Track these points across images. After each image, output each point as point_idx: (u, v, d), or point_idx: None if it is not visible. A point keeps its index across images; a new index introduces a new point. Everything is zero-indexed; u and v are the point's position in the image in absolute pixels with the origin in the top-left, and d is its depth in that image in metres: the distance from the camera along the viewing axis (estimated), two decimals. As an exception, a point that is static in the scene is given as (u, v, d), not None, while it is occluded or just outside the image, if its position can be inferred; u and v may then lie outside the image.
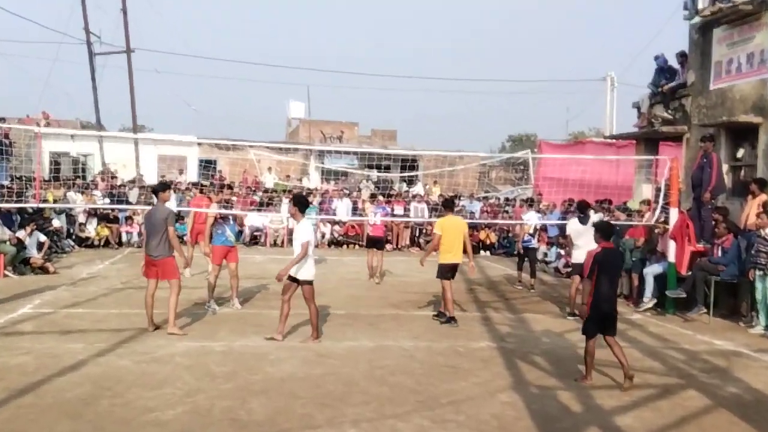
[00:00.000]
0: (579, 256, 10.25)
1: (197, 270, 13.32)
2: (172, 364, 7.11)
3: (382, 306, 10.86)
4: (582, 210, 10.73)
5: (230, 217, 10.34)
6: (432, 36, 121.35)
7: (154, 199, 9.51)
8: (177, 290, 8.48)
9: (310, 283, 8.21)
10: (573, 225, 10.66)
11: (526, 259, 13.44)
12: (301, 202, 8.29)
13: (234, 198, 19.88)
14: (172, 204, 12.22)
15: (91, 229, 18.09)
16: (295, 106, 37.19)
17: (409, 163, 22.20)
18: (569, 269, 14.83)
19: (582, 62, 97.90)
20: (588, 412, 6.03)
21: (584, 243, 10.24)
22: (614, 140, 19.90)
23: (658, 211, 12.07)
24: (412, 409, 5.92)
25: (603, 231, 7.11)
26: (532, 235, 13.55)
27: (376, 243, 14.13)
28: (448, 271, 9.78)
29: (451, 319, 9.56)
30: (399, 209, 20.31)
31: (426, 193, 24.30)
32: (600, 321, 6.82)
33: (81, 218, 18.21)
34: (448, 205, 10.36)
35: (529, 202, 15.13)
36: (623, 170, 18.42)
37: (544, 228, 18.07)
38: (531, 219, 13.79)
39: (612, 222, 11.97)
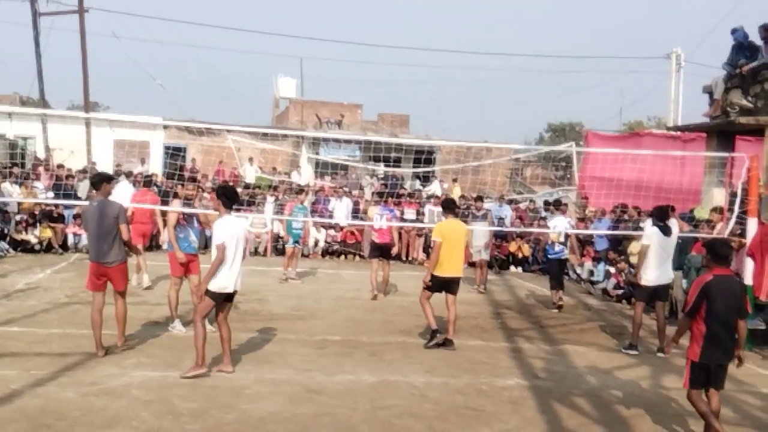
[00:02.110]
0: (652, 276, 10.26)
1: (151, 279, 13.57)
2: (127, 398, 7.12)
3: (388, 332, 10.86)
4: (662, 217, 10.57)
5: (194, 218, 10.35)
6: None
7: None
8: (124, 299, 8.87)
9: (208, 293, 8.05)
10: (653, 236, 10.43)
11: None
12: (226, 195, 8.28)
13: (206, 194, 19.99)
14: (125, 199, 12.24)
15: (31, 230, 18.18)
16: (284, 83, 37.33)
17: (424, 156, 22.19)
18: (621, 291, 14.90)
19: (641, 36, 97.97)
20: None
21: (661, 260, 10.24)
22: (679, 132, 19.85)
23: (732, 222, 12.03)
24: (422, 460, 5.93)
25: (716, 253, 6.62)
26: (564, 244, 13.79)
27: (381, 251, 14.19)
28: (440, 287, 10.07)
29: (435, 332, 9.90)
30: (410, 213, 20.33)
31: (444, 194, 24.32)
32: (707, 370, 6.48)
33: (18, 216, 18.29)
34: (448, 206, 10.54)
35: (556, 204, 15.15)
36: (690, 170, 18.38)
37: (591, 241, 18.07)
38: (559, 225, 13.90)
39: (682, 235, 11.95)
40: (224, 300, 8.21)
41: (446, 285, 10.11)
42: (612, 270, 15.86)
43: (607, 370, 9.28)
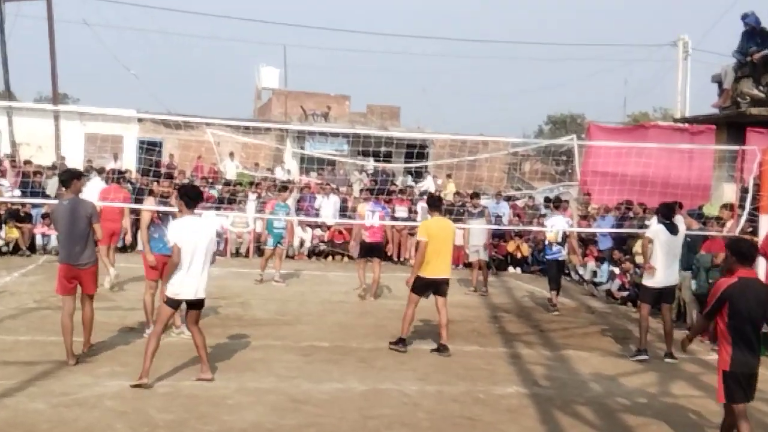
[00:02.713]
0: (659, 278, 10.28)
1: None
2: (100, 409, 7.10)
3: (379, 337, 10.85)
4: (668, 215, 10.56)
5: (170, 217, 10.30)
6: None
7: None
8: (92, 304, 8.97)
9: (166, 301, 8.06)
10: (659, 234, 10.42)
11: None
12: (188, 195, 8.24)
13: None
14: (93, 196, 12.19)
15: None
16: (266, 73, 37.24)
17: (416, 151, 22.18)
18: (626, 293, 14.95)
19: (646, 22, 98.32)
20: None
21: (668, 261, 10.26)
22: (687, 124, 19.94)
23: (743, 219, 12.08)
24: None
25: (741, 252, 6.49)
26: (562, 244, 13.94)
27: (373, 251, 14.19)
28: (426, 289, 10.10)
29: (401, 342, 10.02)
30: (402, 210, 20.33)
31: (437, 190, 24.34)
32: (742, 379, 6.39)
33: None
34: (434, 203, 10.71)
35: (556, 203, 15.23)
36: (698, 164, 18.44)
37: (594, 240, 18.12)
38: (557, 224, 13.99)
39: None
40: (190, 308, 8.21)
41: (434, 286, 10.14)
42: (616, 271, 15.90)
43: (612, 377, 9.30)
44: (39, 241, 18.65)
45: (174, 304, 8.08)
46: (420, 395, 8.08)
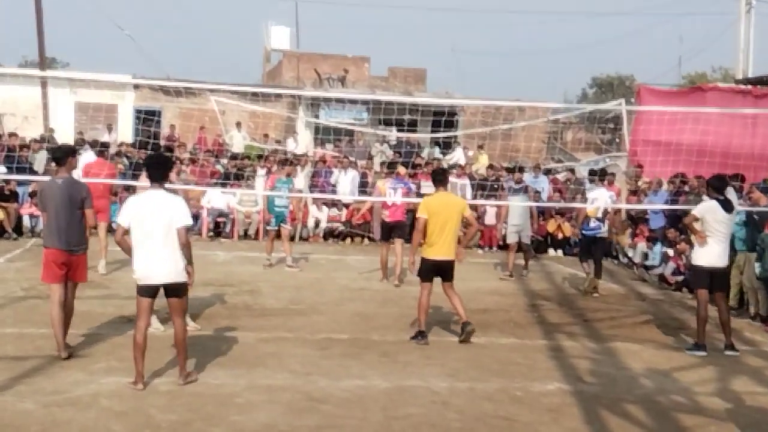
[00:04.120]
0: (709, 257, 10.21)
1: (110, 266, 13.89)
2: (96, 409, 7.15)
3: (403, 328, 10.86)
4: (719, 189, 10.44)
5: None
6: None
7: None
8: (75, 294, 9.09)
9: (138, 290, 7.94)
10: (711, 212, 10.28)
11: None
12: (151, 165, 8.15)
13: (186, 167, 20.02)
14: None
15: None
16: (277, 33, 37.20)
17: (444, 119, 22.10)
18: (681, 277, 14.84)
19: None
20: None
21: (718, 241, 10.16)
22: (750, 86, 19.70)
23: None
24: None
25: None
26: (601, 220, 14.07)
27: (394, 230, 14.30)
28: (431, 272, 10.19)
29: (420, 335, 10.05)
30: (428, 186, 20.25)
31: (468, 163, 24.26)
32: None
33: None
34: (438, 177, 10.74)
35: (602, 175, 15.19)
36: (763, 131, 18.26)
37: (644, 219, 18.00)
38: (600, 198, 14.16)
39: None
40: (166, 296, 7.94)
41: (439, 270, 10.21)
42: (670, 252, 15.78)
43: (666, 372, 9.24)
44: (27, 222, 18.74)
45: (144, 291, 7.85)
46: (450, 393, 8.08)
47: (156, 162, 8.25)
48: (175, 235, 7.77)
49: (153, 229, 7.74)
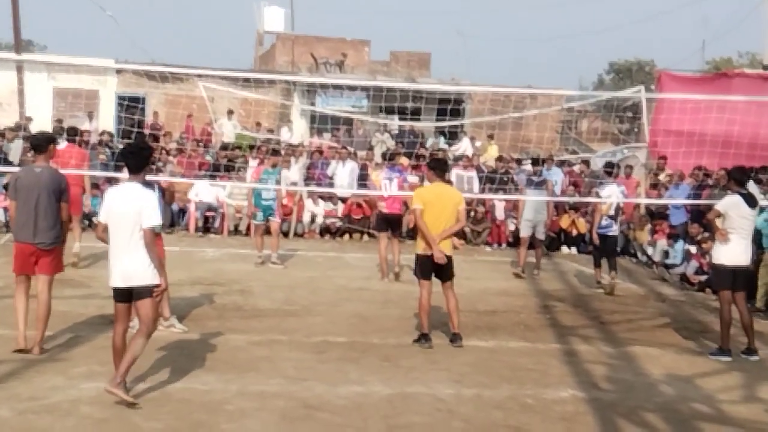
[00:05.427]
0: (732, 254, 10.23)
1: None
2: (76, 417, 7.15)
3: (405, 331, 10.88)
4: (742, 182, 10.50)
5: (155, 186, 10.22)
6: None
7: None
8: (50, 291, 9.01)
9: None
10: (735, 207, 10.29)
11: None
12: (127, 154, 7.92)
13: (172, 158, 20.05)
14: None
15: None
16: (270, 14, 37.16)
17: (449, 107, 22.14)
18: (704, 276, 14.85)
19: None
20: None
21: (740, 237, 10.18)
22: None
23: None
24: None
25: None
26: (613, 218, 14.30)
27: (390, 223, 14.37)
28: (428, 268, 10.18)
29: (423, 338, 10.06)
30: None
31: (476, 154, 24.27)
32: None
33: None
34: (435, 166, 10.71)
35: (608, 169, 15.29)
36: (793, 120, 18.25)
37: (664, 215, 18.00)
38: (612, 195, 14.29)
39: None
40: (134, 299, 7.65)
41: (436, 266, 10.18)
42: (693, 250, 15.77)
43: (687, 378, 9.26)
44: (1, 216, 18.68)
45: (115, 294, 7.68)
46: (456, 400, 8.09)
47: (131, 151, 7.94)
48: (136, 232, 7.45)
49: (118, 226, 7.52)
